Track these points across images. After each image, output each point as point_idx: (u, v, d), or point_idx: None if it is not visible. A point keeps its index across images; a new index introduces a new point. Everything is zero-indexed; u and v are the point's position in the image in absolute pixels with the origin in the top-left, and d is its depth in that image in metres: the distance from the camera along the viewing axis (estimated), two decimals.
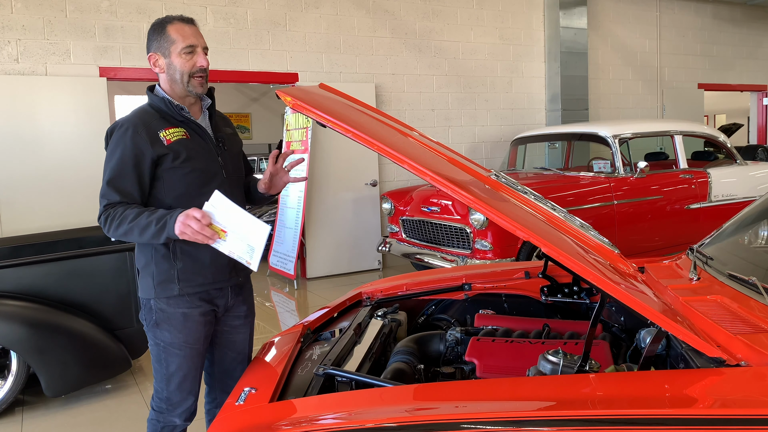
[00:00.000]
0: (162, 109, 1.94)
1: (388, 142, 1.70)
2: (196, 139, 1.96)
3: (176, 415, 2.05)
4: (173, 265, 1.94)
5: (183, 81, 1.92)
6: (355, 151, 6.46)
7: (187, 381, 2.02)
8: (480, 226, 4.75)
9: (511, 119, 7.89)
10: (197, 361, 2.03)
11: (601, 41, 8.66)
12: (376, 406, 1.47)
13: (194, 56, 1.91)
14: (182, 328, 1.96)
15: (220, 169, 1.99)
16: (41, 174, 5.25)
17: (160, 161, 1.88)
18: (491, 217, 1.58)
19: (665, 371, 1.57)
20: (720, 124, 16.70)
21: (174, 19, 1.93)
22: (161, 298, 1.96)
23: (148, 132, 1.87)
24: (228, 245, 1.79)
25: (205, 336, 2.04)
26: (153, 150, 1.86)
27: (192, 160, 1.92)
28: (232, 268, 2.04)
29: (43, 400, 3.55)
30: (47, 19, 5.33)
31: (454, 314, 2.40)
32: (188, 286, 1.95)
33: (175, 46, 1.89)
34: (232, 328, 2.15)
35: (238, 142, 2.16)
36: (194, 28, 1.94)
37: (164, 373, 2.00)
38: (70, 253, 3.61)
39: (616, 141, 5.42)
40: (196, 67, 1.91)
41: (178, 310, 1.96)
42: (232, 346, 2.16)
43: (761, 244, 2.30)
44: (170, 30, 1.90)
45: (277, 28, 6.34)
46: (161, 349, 1.99)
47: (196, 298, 1.98)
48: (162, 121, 1.92)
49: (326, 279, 6.51)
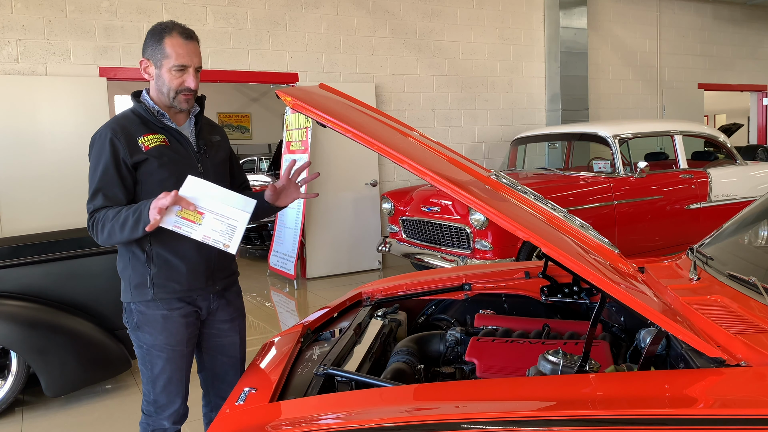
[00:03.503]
0: (143, 115, 1.94)
1: (388, 142, 1.70)
2: (175, 145, 1.96)
3: (165, 418, 2.03)
4: (148, 269, 1.94)
5: (169, 96, 1.92)
6: (355, 151, 6.46)
7: (173, 383, 2.00)
8: (480, 226, 4.75)
9: (511, 119, 7.89)
10: (181, 362, 2.01)
11: (601, 41, 8.66)
12: (376, 406, 1.46)
13: (184, 75, 1.90)
14: (162, 330, 1.95)
15: (199, 175, 1.92)
16: (41, 174, 5.26)
17: (138, 166, 1.89)
18: (491, 217, 1.58)
19: (665, 371, 1.57)
20: (720, 124, 16.70)
21: (174, 30, 1.89)
22: (138, 302, 1.96)
23: (127, 138, 1.88)
24: (203, 230, 1.75)
25: (189, 337, 2.02)
26: (131, 156, 1.87)
27: (169, 165, 1.92)
28: (209, 276, 2.02)
29: (43, 400, 3.55)
30: (47, 19, 5.33)
31: (454, 314, 2.40)
32: (162, 292, 1.95)
33: (168, 60, 1.88)
34: (219, 331, 2.12)
35: (224, 149, 2.14)
36: (191, 46, 1.90)
37: (149, 376, 2.00)
38: (70, 253, 3.61)
39: (616, 141, 5.42)
40: (184, 86, 1.91)
41: (157, 312, 1.95)
42: (221, 349, 2.14)
43: (761, 244, 2.30)
44: (167, 43, 1.88)
45: (277, 28, 6.35)
46: (144, 351, 1.98)
47: (174, 300, 1.96)
48: (142, 127, 1.92)
49: (326, 279, 6.51)
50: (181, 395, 2.05)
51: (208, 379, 2.20)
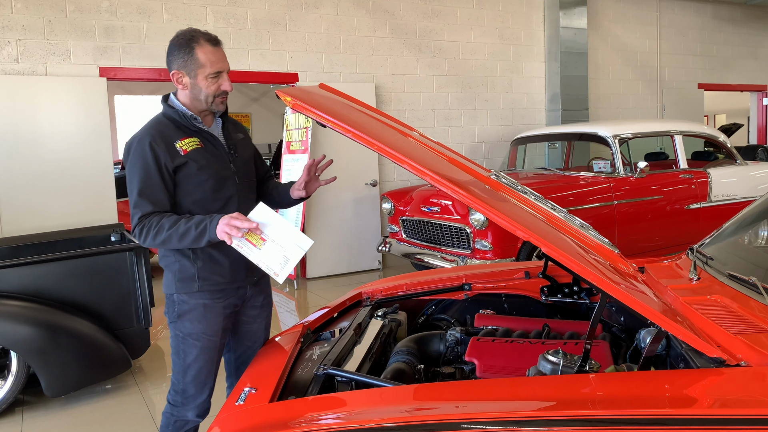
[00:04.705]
0: (176, 119, 2.03)
1: (388, 142, 1.70)
2: (210, 147, 2.05)
3: (190, 409, 2.12)
4: (193, 264, 2.05)
5: (207, 101, 2.02)
6: (355, 151, 6.45)
7: (203, 373, 2.09)
8: (480, 226, 4.75)
9: (511, 119, 7.89)
10: (213, 353, 2.10)
11: (601, 41, 8.66)
12: (376, 406, 1.47)
13: (219, 80, 2.00)
14: (202, 318, 2.06)
15: (232, 174, 2.08)
16: (41, 174, 5.25)
17: (178, 170, 1.98)
18: (491, 217, 1.59)
19: (665, 371, 1.57)
20: (720, 124, 16.70)
21: (200, 38, 1.97)
22: (182, 293, 2.06)
23: (166, 143, 1.97)
24: (260, 255, 1.86)
25: (224, 329, 2.13)
26: (171, 160, 1.96)
27: (207, 168, 2.01)
28: (248, 269, 2.13)
29: (43, 400, 3.55)
30: (47, 19, 5.33)
31: (454, 314, 2.40)
32: (207, 284, 2.06)
33: (203, 69, 1.97)
34: (249, 317, 2.24)
35: (249, 147, 2.25)
36: (220, 52, 2.00)
37: (181, 365, 2.09)
38: (70, 253, 3.61)
39: (616, 141, 5.42)
40: (221, 90, 2.01)
41: (199, 301, 2.06)
42: (247, 335, 2.26)
43: (761, 244, 2.30)
44: (199, 53, 1.96)
45: (277, 28, 6.35)
46: (180, 340, 2.08)
47: (216, 292, 2.08)
48: (177, 132, 2.01)
49: (326, 279, 6.51)
50: (209, 388, 2.14)
51: (232, 362, 2.30)
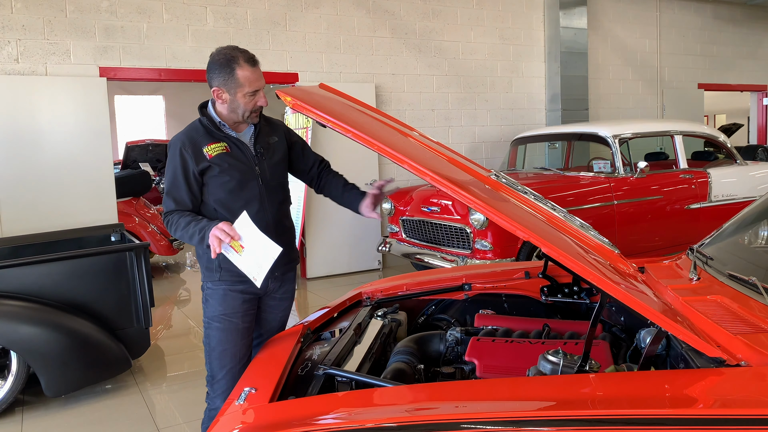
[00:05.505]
0: (207, 126, 2.21)
1: (388, 142, 1.71)
2: (235, 151, 2.21)
3: (218, 395, 2.21)
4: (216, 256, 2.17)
5: (243, 116, 2.19)
6: (355, 151, 6.44)
7: (226, 356, 2.21)
8: (480, 226, 4.75)
9: (511, 119, 7.89)
10: (236, 336, 2.22)
11: (601, 41, 8.66)
12: (376, 406, 1.47)
13: (256, 97, 2.17)
14: (221, 302, 2.22)
15: (257, 176, 2.23)
16: (41, 174, 5.25)
17: (204, 172, 2.17)
18: (491, 217, 1.59)
19: (665, 371, 1.57)
20: (720, 124, 16.70)
21: (240, 58, 2.12)
22: (208, 281, 2.27)
23: (194, 148, 2.16)
24: (241, 259, 2.03)
25: (244, 311, 2.25)
26: (197, 164, 2.15)
27: (229, 170, 2.18)
28: None
29: (43, 400, 3.55)
30: (47, 19, 5.33)
31: (454, 314, 2.40)
32: (227, 275, 2.21)
33: (242, 89, 2.13)
34: (267, 307, 2.35)
35: (281, 149, 2.35)
36: (258, 71, 2.17)
37: (208, 350, 2.25)
38: (70, 253, 3.61)
39: (616, 141, 5.42)
40: (257, 106, 2.19)
41: (220, 287, 2.24)
42: (263, 323, 2.37)
43: (761, 244, 2.30)
44: (239, 74, 2.11)
45: (276, 28, 6.34)
46: (206, 325, 2.25)
47: (237, 282, 2.21)
48: (207, 137, 2.19)
49: (326, 279, 6.51)
50: (235, 372, 2.21)
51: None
